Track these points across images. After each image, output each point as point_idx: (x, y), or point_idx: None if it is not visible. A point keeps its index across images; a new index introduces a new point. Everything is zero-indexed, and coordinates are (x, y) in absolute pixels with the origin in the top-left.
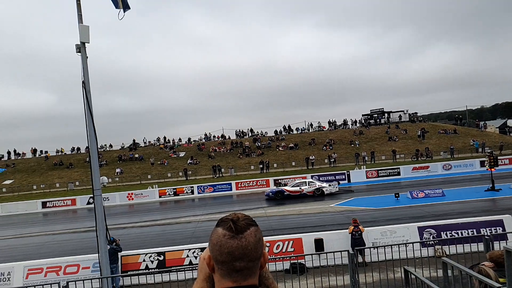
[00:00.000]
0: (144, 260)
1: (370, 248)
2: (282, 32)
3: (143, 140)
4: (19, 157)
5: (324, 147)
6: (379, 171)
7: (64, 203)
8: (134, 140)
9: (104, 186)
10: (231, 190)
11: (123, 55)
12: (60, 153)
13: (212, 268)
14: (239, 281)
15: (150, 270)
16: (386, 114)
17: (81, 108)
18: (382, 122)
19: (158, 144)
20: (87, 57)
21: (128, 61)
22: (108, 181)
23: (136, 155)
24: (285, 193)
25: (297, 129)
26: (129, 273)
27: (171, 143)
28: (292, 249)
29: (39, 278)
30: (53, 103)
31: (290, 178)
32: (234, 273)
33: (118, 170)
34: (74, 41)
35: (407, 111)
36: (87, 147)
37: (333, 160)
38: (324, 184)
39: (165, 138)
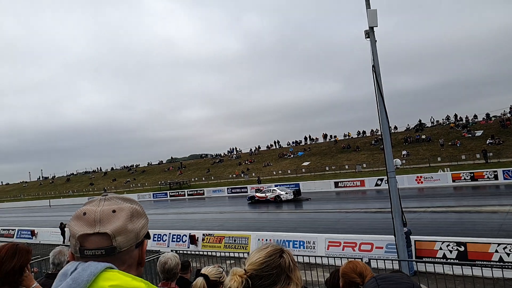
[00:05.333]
0: (440, 248)
1: None
2: None
3: (430, 119)
4: (313, 142)
5: None
6: None
7: (353, 184)
8: (420, 121)
9: (398, 168)
10: None
11: (407, 32)
12: (347, 137)
13: None
14: None
15: (449, 260)
16: None
17: (366, 93)
18: None
19: (447, 123)
20: (375, 41)
21: (413, 38)
22: (402, 163)
23: (423, 136)
24: (255, 198)
25: None
26: (424, 259)
27: (463, 121)
28: None
29: (338, 250)
30: (339, 91)
31: None
32: None
33: (404, 152)
34: (358, 29)
35: None
36: (372, 130)
37: None
38: (282, 192)
39: (456, 115)
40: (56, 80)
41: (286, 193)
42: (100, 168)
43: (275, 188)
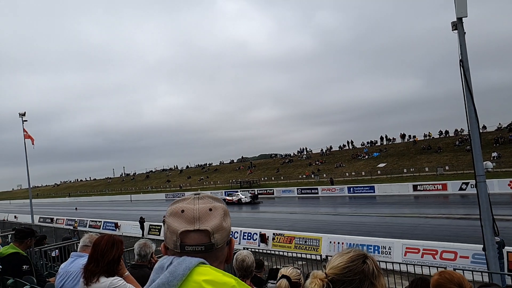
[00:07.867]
0: None
1: None
2: None
3: None
4: (390, 142)
5: None
6: None
7: (434, 187)
8: None
9: (488, 172)
10: None
11: (499, 21)
12: (427, 137)
13: None
14: None
15: None
16: None
17: (449, 90)
18: None
19: None
20: (464, 32)
21: (506, 27)
22: (493, 166)
23: None
24: (226, 201)
25: None
26: None
27: None
28: None
29: (416, 257)
30: (419, 88)
31: None
32: None
33: (494, 154)
34: (440, 22)
35: None
36: (457, 130)
37: None
38: (243, 196)
39: None
40: (136, 83)
41: (246, 197)
42: (177, 166)
43: (239, 193)
